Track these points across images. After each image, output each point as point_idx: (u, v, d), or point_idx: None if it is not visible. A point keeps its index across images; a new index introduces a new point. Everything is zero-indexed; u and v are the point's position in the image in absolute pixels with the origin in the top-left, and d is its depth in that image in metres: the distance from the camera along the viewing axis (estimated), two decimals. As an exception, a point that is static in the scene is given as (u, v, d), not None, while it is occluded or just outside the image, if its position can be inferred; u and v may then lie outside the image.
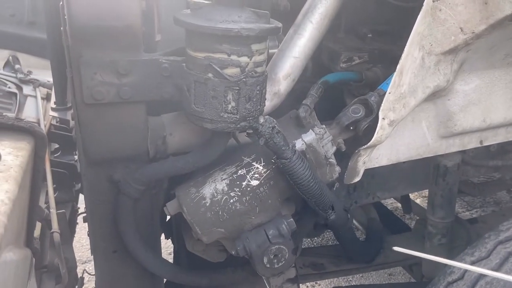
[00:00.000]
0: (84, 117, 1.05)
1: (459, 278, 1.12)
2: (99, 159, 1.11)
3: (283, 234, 1.14)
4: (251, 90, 0.99)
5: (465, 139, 1.44)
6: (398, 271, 2.80)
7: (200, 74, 0.98)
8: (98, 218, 1.19)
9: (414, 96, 1.18)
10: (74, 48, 0.99)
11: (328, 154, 1.20)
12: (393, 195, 1.90)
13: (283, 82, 1.23)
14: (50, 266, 1.31)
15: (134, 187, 1.14)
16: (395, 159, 1.39)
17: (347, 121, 1.22)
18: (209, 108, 0.99)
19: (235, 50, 0.95)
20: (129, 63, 1.01)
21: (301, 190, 1.13)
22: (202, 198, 1.13)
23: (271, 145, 1.08)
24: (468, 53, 1.21)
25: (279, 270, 1.18)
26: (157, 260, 1.25)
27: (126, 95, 1.04)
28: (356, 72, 1.38)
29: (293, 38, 1.23)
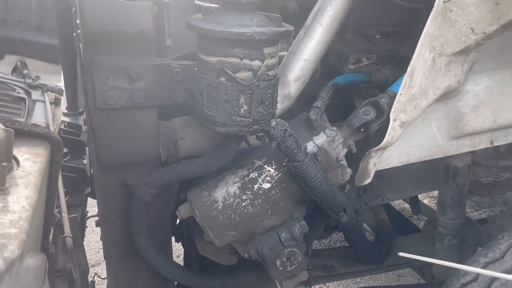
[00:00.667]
0: (96, 122, 1.06)
1: (473, 280, 1.12)
2: (111, 163, 1.12)
3: (296, 237, 1.14)
4: (263, 94, 0.99)
5: (475, 139, 1.43)
6: (407, 272, 2.79)
7: (212, 78, 0.98)
8: (110, 223, 1.20)
9: (425, 97, 1.18)
10: (86, 53, 1.00)
11: (339, 156, 1.20)
12: (403, 196, 1.89)
13: (294, 85, 1.23)
14: (62, 271, 1.32)
15: (146, 191, 1.14)
16: (405, 160, 1.39)
17: (358, 123, 1.22)
18: (222, 112, 0.99)
19: (248, 54, 0.95)
20: (141, 68, 1.02)
21: (313, 192, 1.13)
22: (214, 201, 1.14)
23: (283, 148, 1.08)
24: (479, 53, 1.21)
25: (292, 273, 1.18)
26: (169, 263, 1.26)
27: (138, 100, 1.04)
28: (366, 74, 1.38)
29: (303, 40, 1.23)
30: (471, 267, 0.67)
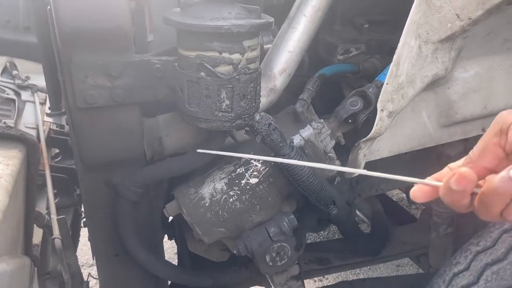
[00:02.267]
0: (77, 121, 1.04)
1: (465, 269, 1.11)
2: (95, 163, 1.10)
3: (285, 231, 1.13)
4: (245, 88, 0.98)
5: (467, 127, 1.41)
6: (406, 262, 2.79)
7: (192, 73, 0.96)
8: (97, 223, 1.19)
9: (412, 86, 1.16)
10: (64, 52, 0.98)
11: (327, 149, 1.19)
12: (397, 186, 1.88)
13: (279, 78, 1.21)
14: (53, 273, 1.31)
15: (132, 190, 1.13)
16: (396, 150, 1.37)
17: (345, 114, 1.21)
18: (203, 107, 0.98)
19: (227, 47, 0.93)
20: (120, 65, 1.00)
21: (301, 186, 1.11)
22: (201, 198, 1.12)
23: (268, 142, 1.06)
24: (466, 39, 1.19)
25: (282, 268, 1.17)
26: (159, 262, 1.25)
27: (119, 97, 1.03)
28: (353, 64, 1.35)
29: (287, 32, 1.21)
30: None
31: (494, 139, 0.57)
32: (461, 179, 0.55)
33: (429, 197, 0.61)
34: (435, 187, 0.59)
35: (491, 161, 0.56)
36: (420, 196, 0.61)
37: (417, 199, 0.62)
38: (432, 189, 0.60)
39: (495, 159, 0.56)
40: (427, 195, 0.61)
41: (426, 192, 0.61)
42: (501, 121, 0.57)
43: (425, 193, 0.61)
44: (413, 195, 0.62)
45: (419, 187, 0.61)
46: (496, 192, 0.53)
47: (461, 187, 0.55)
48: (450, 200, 0.57)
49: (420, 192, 0.61)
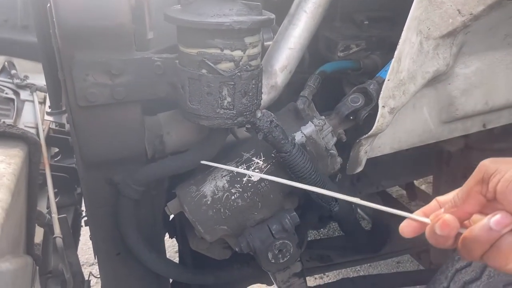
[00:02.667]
0: (78, 119, 1.04)
1: (468, 265, 1.11)
2: (96, 162, 1.10)
3: (287, 228, 1.13)
4: (246, 85, 0.97)
5: (467, 123, 1.41)
6: (406, 259, 2.79)
7: (193, 70, 0.96)
8: (99, 221, 1.18)
9: (413, 82, 1.16)
10: (64, 50, 0.97)
11: (328, 146, 1.19)
12: (398, 183, 1.88)
13: (280, 75, 1.21)
14: (54, 272, 1.31)
15: (133, 189, 1.12)
16: (397, 147, 1.37)
17: (346, 111, 1.20)
18: (205, 104, 0.97)
19: (228, 44, 0.93)
20: (121, 62, 1.00)
21: (303, 183, 1.11)
22: (203, 196, 1.12)
23: (270, 139, 1.06)
24: (467, 35, 1.18)
25: (284, 265, 1.17)
26: (161, 260, 1.24)
27: (120, 95, 1.02)
28: (354, 61, 1.35)
29: (288, 29, 1.21)
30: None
31: (476, 187, 0.60)
32: (444, 226, 0.60)
33: (417, 233, 0.64)
34: (423, 222, 0.63)
35: (474, 207, 0.61)
36: (409, 232, 0.65)
37: (405, 234, 0.65)
38: (420, 224, 0.63)
39: (477, 205, 0.60)
40: (415, 230, 0.64)
41: (414, 227, 0.64)
42: (483, 170, 0.60)
43: (414, 229, 0.64)
44: (402, 230, 0.65)
45: (407, 223, 0.65)
46: (476, 239, 0.57)
47: (444, 232, 0.60)
48: (434, 241, 0.62)
49: (408, 228, 0.64)
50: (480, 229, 0.57)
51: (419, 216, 0.64)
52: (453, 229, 0.60)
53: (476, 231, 0.58)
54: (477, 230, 0.58)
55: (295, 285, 1.29)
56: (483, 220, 0.58)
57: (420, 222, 0.63)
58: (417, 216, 0.64)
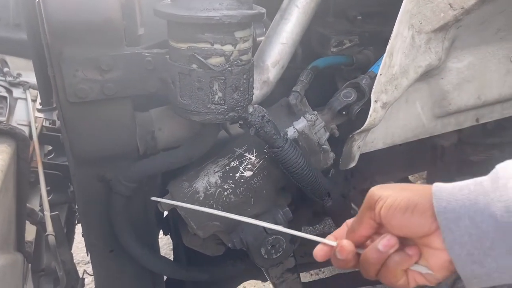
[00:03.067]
0: (69, 116, 1.03)
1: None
2: (87, 158, 1.09)
3: (280, 224, 1.13)
4: (237, 79, 0.97)
5: (460, 117, 1.42)
6: (402, 254, 2.79)
7: (184, 65, 0.95)
8: (91, 218, 1.18)
9: (406, 76, 1.16)
10: (53, 46, 0.96)
11: (321, 141, 1.18)
12: (392, 178, 1.88)
13: (272, 70, 1.20)
14: (47, 270, 1.30)
15: (125, 185, 1.12)
16: (390, 142, 1.37)
17: (339, 106, 1.20)
18: (196, 100, 0.97)
19: (218, 38, 0.92)
20: (111, 58, 0.99)
21: (295, 178, 1.11)
22: (195, 192, 1.12)
23: (262, 135, 1.06)
24: (459, 29, 1.18)
25: (277, 261, 1.17)
26: (154, 257, 1.24)
27: (110, 91, 1.01)
28: (346, 56, 1.35)
29: (280, 23, 1.20)
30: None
31: (367, 213, 0.66)
32: (342, 251, 0.67)
33: (328, 256, 0.70)
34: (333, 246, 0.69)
35: (367, 230, 0.67)
36: (321, 256, 0.70)
37: (318, 258, 0.71)
38: (331, 248, 0.69)
39: (370, 229, 0.67)
40: (327, 254, 0.70)
41: (326, 251, 0.70)
42: (370, 197, 0.66)
43: (325, 253, 0.70)
44: (315, 254, 0.71)
45: (320, 247, 0.71)
46: (369, 261, 0.65)
47: (343, 256, 0.67)
48: (337, 264, 0.68)
49: (321, 252, 0.70)
50: (370, 251, 0.65)
51: (328, 240, 0.70)
52: (349, 253, 0.66)
53: (368, 253, 0.65)
54: (369, 253, 0.65)
55: (289, 281, 1.29)
56: (373, 243, 0.65)
57: (331, 246, 0.69)
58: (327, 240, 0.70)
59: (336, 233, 0.72)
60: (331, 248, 0.69)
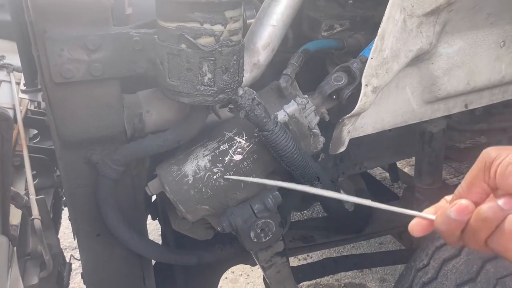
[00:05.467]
0: (54, 97, 1.01)
1: (447, 242, 1.12)
2: (74, 141, 1.07)
3: (269, 207, 1.12)
4: (227, 60, 0.95)
5: (450, 103, 1.42)
6: (388, 240, 2.83)
7: (172, 45, 0.93)
8: (77, 202, 1.16)
9: (397, 60, 1.15)
10: (37, 24, 0.93)
11: (311, 125, 1.18)
12: (380, 164, 1.90)
13: (262, 52, 1.19)
14: (33, 254, 1.29)
15: (113, 168, 1.10)
16: (380, 127, 1.37)
17: (329, 90, 1.19)
18: (185, 81, 0.95)
19: (208, 18, 0.90)
20: (98, 37, 0.96)
21: (285, 162, 1.10)
22: (184, 175, 1.11)
23: (252, 118, 1.05)
24: (451, 13, 1.18)
25: (266, 244, 1.17)
26: (142, 241, 1.23)
27: (97, 72, 0.99)
28: (337, 40, 1.34)
29: (270, 5, 1.18)
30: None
31: (479, 175, 0.60)
32: (462, 210, 0.59)
33: (426, 231, 0.64)
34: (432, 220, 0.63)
35: (479, 195, 0.60)
36: (418, 230, 0.64)
37: (415, 233, 0.64)
38: (429, 222, 0.63)
39: (481, 194, 0.60)
40: (425, 228, 0.64)
41: (423, 226, 0.64)
42: (486, 157, 0.60)
43: (423, 227, 0.64)
44: (411, 229, 0.65)
45: (416, 221, 0.64)
46: (484, 219, 0.57)
47: (459, 216, 0.59)
48: (446, 228, 0.61)
49: (418, 226, 0.64)
50: (488, 207, 0.57)
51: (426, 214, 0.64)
52: (468, 213, 0.59)
53: (485, 209, 0.57)
54: (486, 209, 0.57)
55: (278, 264, 1.29)
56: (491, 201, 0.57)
57: (429, 220, 0.63)
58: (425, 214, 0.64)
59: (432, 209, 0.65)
60: (429, 222, 0.63)
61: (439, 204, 0.65)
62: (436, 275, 1.10)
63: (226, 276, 2.65)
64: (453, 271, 1.06)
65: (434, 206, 0.65)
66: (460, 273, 1.05)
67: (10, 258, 0.99)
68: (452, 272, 1.07)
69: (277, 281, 1.36)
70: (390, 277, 2.63)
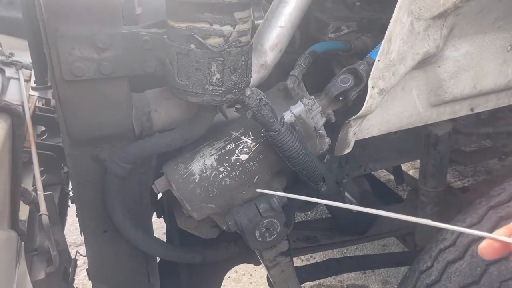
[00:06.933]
0: (64, 94, 1.02)
1: (451, 245, 1.13)
2: (83, 138, 1.09)
3: (274, 207, 1.13)
4: (236, 61, 0.96)
5: (456, 106, 1.42)
6: (392, 242, 2.83)
7: (182, 45, 0.94)
8: (85, 199, 1.17)
9: (403, 63, 1.16)
10: (49, 22, 0.95)
11: (317, 126, 1.18)
12: (385, 166, 1.90)
13: (270, 53, 1.20)
14: (40, 249, 1.30)
15: (120, 166, 1.11)
16: (386, 129, 1.38)
17: (336, 91, 1.20)
18: (193, 80, 0.96)
19: (218, 18, 0.91)
20: (108, 36, 0.98)
21: (291, 162, 1.11)
22: (191, 174, 1.12)
23: (259, 118, 1.06)
24: (458, 17, 1.18)
25: (271, 244, 1.18)
26: (147, 238, 1.24)
27: (107, 70, 1.00)
28: (345, 42, 1.34)
29: (278, 7, 1.19)
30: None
31: None
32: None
33: (499, 254, 0.58)
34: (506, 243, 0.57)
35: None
36: (489, 253, 0.59)
37: (486, 256, 0.59)
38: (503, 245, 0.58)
39: None
40: (498, 251, 0.58)
41: (496, 248, 0.58)
42: None
43: (496, 250, 0.58)
44: (482, 252, 0.59)
45: (488, 243, 0.59)
46: None
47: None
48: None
49: (489, 249, 0.59)
50: None
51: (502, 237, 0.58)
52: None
53: None
54: None
55: (282, 264, 1.30)
56: None
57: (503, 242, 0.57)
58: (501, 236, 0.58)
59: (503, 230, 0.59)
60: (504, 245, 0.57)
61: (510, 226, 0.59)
62: (439, 277, 1.11)
63: (229, 276, 2.66)
64: (456, 274, 1.07)
65: (507, 227, 0.59)
66: (463, 276, 1.05)
67: (18, 253, 1.01)
68: (455, 275, 1.07)
69: (281, 281, 1.36)
70: (393, 279, 2.63)
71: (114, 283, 1.32)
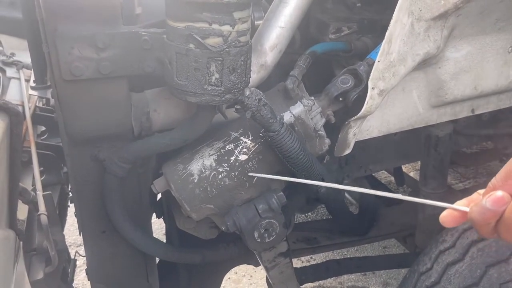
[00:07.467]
0: (63, 94, 1.02)
1: (451, 246, 1.13)
2: (82, 138, 1.08)
3: (273, 208, 1.13)
4: (235, 61, 0.96)
5: (456, 108, 1.42)
6: (392, 244, 2.82)
7: (181, 45, 0.94)
8: (84, 199, 1.17)
9: (404, 64, 1.15)
10: (48, 22, 0.95)
11: (317, 126, 1.18)
12: (385, 167, 1.89)
13: (270, 54, 1.20)
14: (39, 249, 1.30)
15: (119, 166, 1.11)
16: (386, 130, 1.37)
17: (336, 92, 1.20)
18: (192, 80, 0.96)
19: (217, 18, 0.91)
20: (107, 36, 0.98)
21: (290, 163, 1.11)
22: (189, 174, 1.11)
23: (258, 118, 1.05)
24: (459, 18, 1.18)
25: (270, 245, 1.17)
26: (146, 239, 1.24)
27: (106, 70, 1.00)
28: (345, 42, 1.34)
29: (278, 7, 1.19)
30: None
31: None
32: (498, 200, 0.59)
33: (458, 222, 0.64)
34: (464, 212, 0.63)
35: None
36: (450, 221, 0.64)
37: (447, 224, 0.65)
38: (461, 214, 0.63)
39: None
40: (457, 219, 0.64)
41: (455, 217, 0.64)
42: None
43: (455, 218, 0.64)
44: (443, 220, 0.65)
45: (449, 213, 0.64)
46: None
47: (495, 206, 0.59)
48: (481, 218, 0.60)
49: (450, 217, 0.64)
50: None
51: (459, 206, 0.64)
52: (504, 204, 0.58)
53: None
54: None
55: (281, 265, 1.30)
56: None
57: (461, 212, 0.63)
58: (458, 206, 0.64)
59: (464, 201, 0.65)
60: (461, 213, 0.63)
61: (472, 197, 0.65)
62: (439, 279, 1.10)
63: (229, 277, 2.66)
64: (456, 276, 1.06)
65: (467, 199, 0.65)
66: (463, 278, 1.05)
67: (16, 252, 1.01)
68: (455, 277, 1.07)
69: (280, 282, 1.36)
70: (394, 281, 2.62)
71: (113, 284, 1.32)
